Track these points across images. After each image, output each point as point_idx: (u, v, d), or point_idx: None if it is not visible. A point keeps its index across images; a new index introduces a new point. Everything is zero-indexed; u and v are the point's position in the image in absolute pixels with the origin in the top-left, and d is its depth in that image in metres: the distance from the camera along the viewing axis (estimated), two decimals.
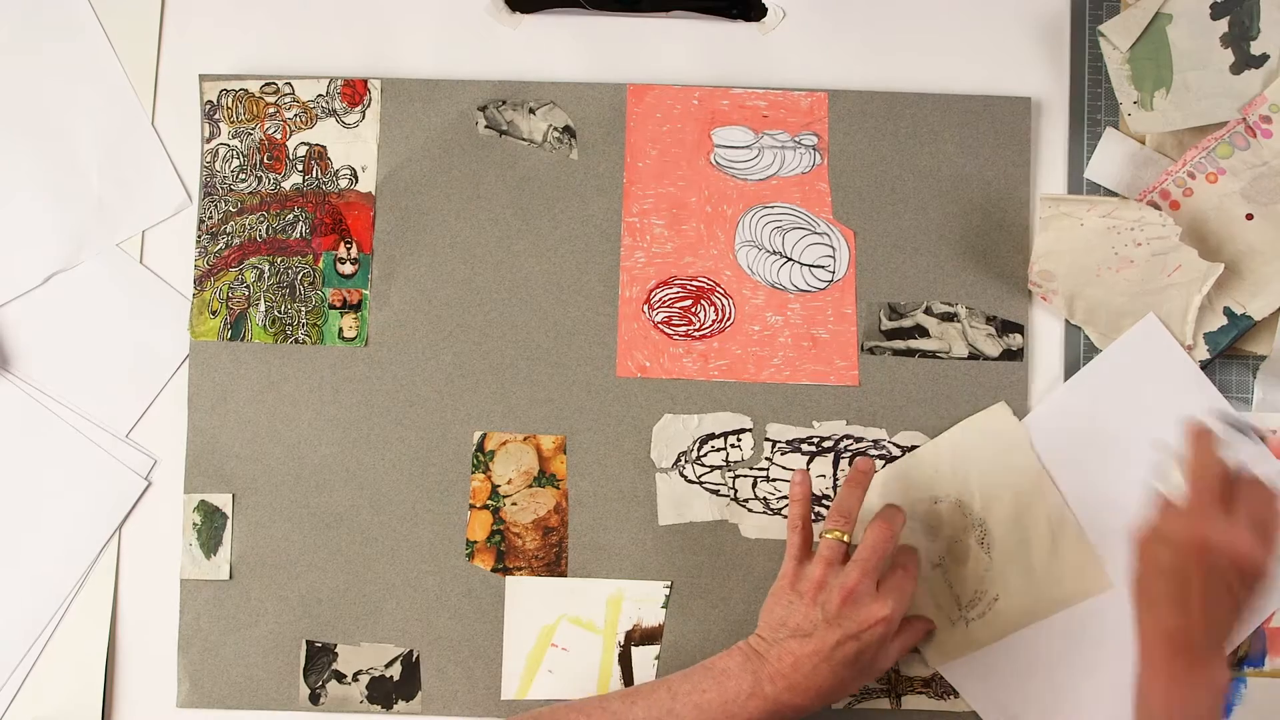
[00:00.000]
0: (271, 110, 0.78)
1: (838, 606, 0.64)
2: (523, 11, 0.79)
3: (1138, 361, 0.74)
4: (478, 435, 0.76)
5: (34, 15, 0.79)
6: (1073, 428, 0.74)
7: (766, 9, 0.79)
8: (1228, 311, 0.74)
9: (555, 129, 0.78)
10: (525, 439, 0.76)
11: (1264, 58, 0.74)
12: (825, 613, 0.64)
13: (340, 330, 0.77)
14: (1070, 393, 0.75)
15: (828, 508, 0.75)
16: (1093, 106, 0.77)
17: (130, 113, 0.79)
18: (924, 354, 0.76)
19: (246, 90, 0.78)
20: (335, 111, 0.78)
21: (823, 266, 0.77)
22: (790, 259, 0.77)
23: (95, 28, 0.79)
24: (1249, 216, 0.73)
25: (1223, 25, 0.74)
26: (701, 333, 0.77)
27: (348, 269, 0.77)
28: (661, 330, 0.77)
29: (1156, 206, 0.74)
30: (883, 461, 0.75)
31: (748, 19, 0.79)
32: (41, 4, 0.79)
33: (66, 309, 0.78)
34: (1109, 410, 0.74)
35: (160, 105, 0.79)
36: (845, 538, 0.67)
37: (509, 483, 0.76)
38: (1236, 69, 0.74)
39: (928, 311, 0.77)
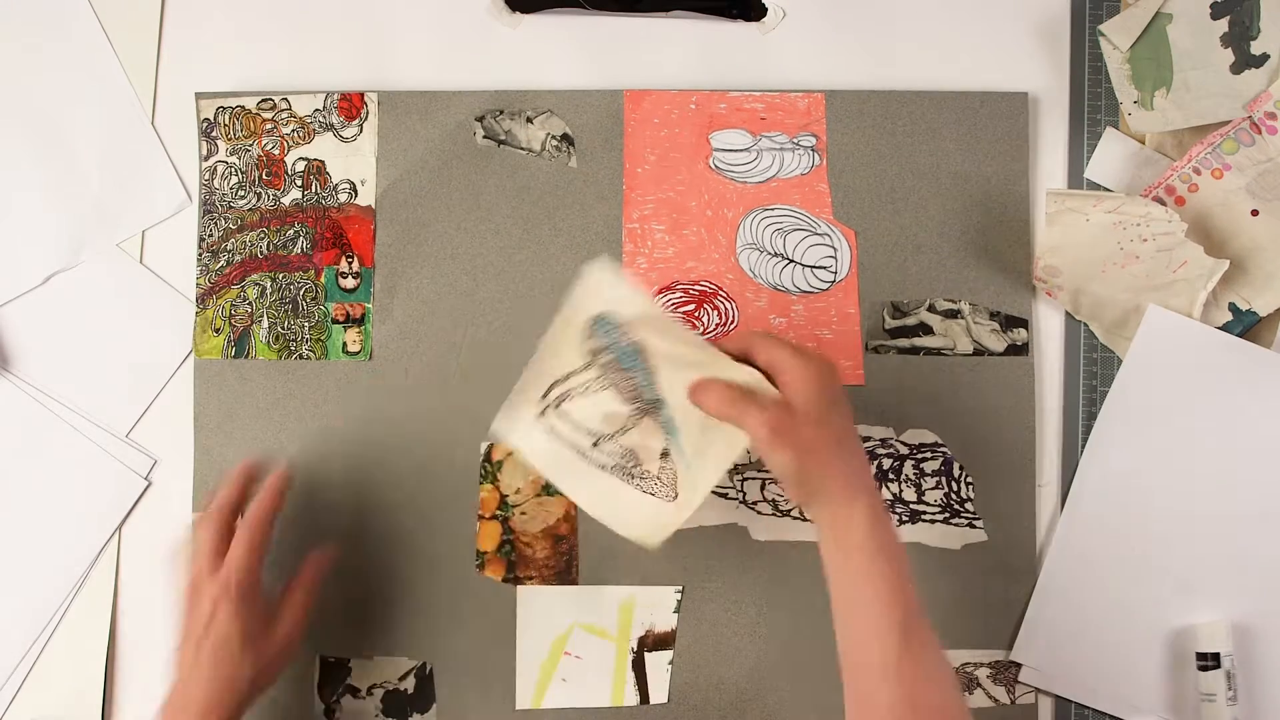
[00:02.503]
0: (269, 126, 0.78)
1: None
2: (523, 11, 0.79)
3: (1163, 350, 0.74)
4: (485, 446, 0.76)
5: (34, 15, 0.79)
6: (1135, 441, 0.75)
7: (766, 9, 0.78)
8: (1233, 307, 0.74)
9: (553, 137, 0.78)
10: None
11: (1264, 57, 0.74)
12: None
13: (344, 345, 0.77)
14: (1114, 411, 0.75)
15: None
16: (1093, 106, 0.77)
17: (130, 113, 0.78)
18: (929, 351, 0.76)
19: (243, 107, 0.78)
20: (333, 126, 0.78)
21: (825, 267, 0.77)
22: (792, 260, 0.77)
23: (95, 28, 0.79)
24: (1254, 212, 0.73)
25: (1223, 25, 0.74)
26: (706, 337, 0.77)
27: (350, 283, 0.77)
28: None
29: (1162, 202, 0.74)
30: None
31: (748, 19, 0.79)
32: (41, 4, 0.79)
33: (66, 309, 0.78)
34: (1162, 409, 0.74)
35: (160, 109, 0.79)
36: None
37: (517, 492, 0.76)
38: (1237, 69, 0.74)
39: (931, 309, 0.77)
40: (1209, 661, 0.71)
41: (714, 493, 0.75)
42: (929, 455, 0.76)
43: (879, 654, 0.59)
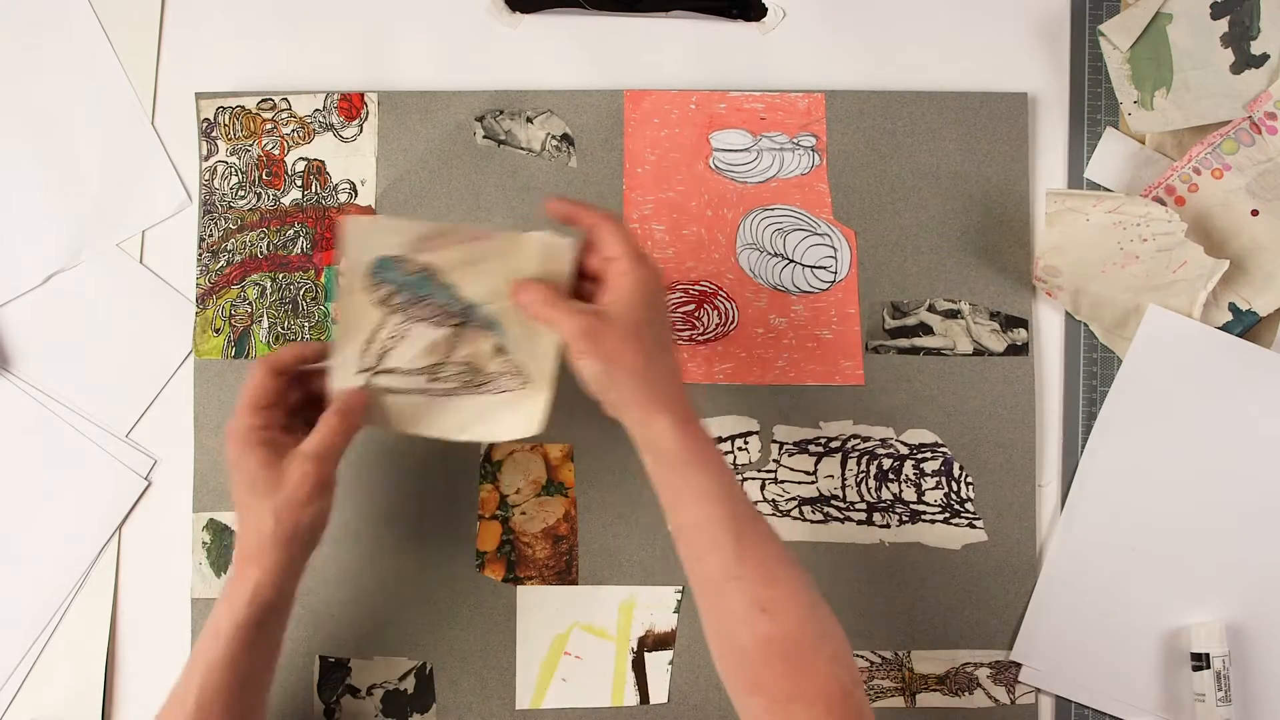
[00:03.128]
0: (269, 126, 0.78)
1: None
2: (523, 11, 0.79)
3: (1163, 350, 0.74)
4: (484, 445, 0.76)
5: (34, 15, 0.79)
6: (1135, 441, 0.75)
7: (766, 9, 0.78)
8: (1233, 307, 0.74)
9: (553, 137, 0.78)
10: (532, 448, 0.76)
11: (1264, 57, 0.74)
12: None
13: None
14: (1114, 411, 0.75)
15: (835, 506, 0.75)
16: (1093, 106, 0.77)
17: (130, 113, 0.78)
18: (929, 351, 0.76)
19: (243, 107, 0.78)
20: (333, 126, 0.78)
21: (825, 267, 0.77)
22: (792, 260, 0.77)
23: (95, 28, 0.79)
24: (1254, 212, 0.74)
25: (1223, 25, 0.74)
26: (705, 337, 0.77)
27: None
28: None
29: (1162, 202, 0.74)
30: None
31: (748, 19, 0.79)
32: (41, 4, 0.79)
33: (66, 309, 0.78)
34: (1162, 409, 0.75)
35: (160, 109, 0.79)
36: None
37: (517, 492, 0.76)
38: (1237, 69, 0.74)
39: (931, 309, 0.77)
40: (1201, 662, 0.71)
41: None
42: (929, 455, 0.76)
43: (717, 563, 0.58)
